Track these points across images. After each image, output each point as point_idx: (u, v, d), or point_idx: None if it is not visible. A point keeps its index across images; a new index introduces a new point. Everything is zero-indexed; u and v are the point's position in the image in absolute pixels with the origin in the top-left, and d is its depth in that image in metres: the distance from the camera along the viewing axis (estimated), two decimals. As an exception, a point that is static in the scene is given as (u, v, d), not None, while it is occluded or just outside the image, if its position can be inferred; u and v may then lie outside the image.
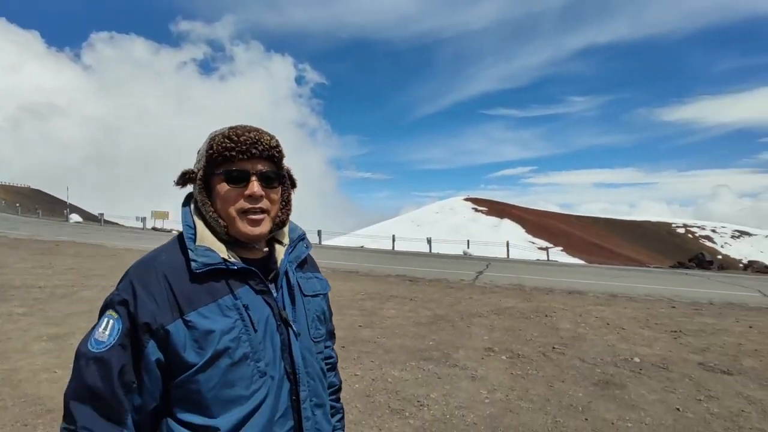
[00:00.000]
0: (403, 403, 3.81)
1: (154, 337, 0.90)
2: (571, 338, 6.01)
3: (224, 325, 0.93)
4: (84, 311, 6.27)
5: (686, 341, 6.04)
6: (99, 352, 0.89)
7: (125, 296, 0.91)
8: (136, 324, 0.89)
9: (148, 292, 0.91)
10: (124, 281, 0.95)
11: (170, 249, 1.01)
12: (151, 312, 0.90)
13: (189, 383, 0.91)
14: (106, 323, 0.91)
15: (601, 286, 11.29)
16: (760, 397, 4.20)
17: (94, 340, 0.90)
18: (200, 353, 0.90)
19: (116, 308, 0.91)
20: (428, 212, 73.82)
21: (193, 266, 0.95)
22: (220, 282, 0.97)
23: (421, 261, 16.66)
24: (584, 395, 4.12)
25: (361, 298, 8.19)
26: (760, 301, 9.81)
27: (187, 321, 0.91)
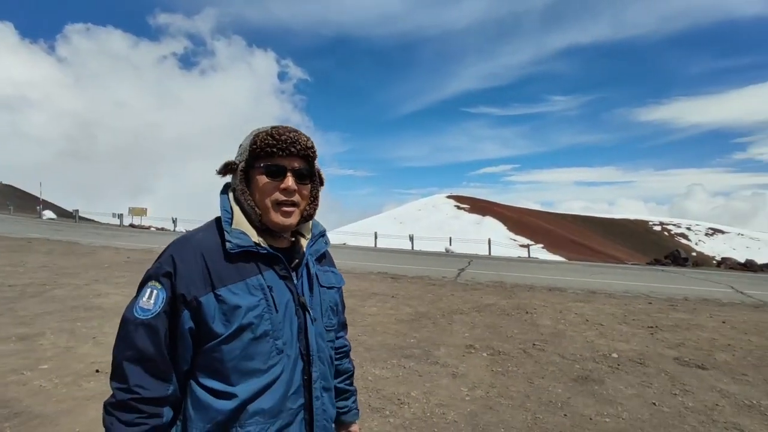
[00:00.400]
0: (384, 401, 3.77)
1: (188, 306, 1.01)
2: (551, 335, 6.06)
3: (250, 302, 1.03)
4: (55, 310, 6.07)
5: (662, 336, 6.15)
6: (147, 318, 1.00)
7: (167, 268, 1.03)
8: (176, 294, 1.01)
9: (186, 266, 1.02)
10: (165, 255, 1.06)
11: (207, 229, 1.13)
12: (187, 285, 1.01)
13: (213, 352, 1.01)
14: (150, 293, 1.02)
15: (580, 282, 11.44)
16: (733, 391, 4.29)
17: (140, 308, 1.01)
18: (226, 325, 1.01)
19: (160, 279, 1.03)
20: (411, 209, 73.98)
21: (228, 246, 1.06)
22: (250, 264, 1.08)
23: (404, 258, 16.66)
24: (563, 391, 4.15)
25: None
26: (733, 296, 10.06)
27: (218, 295, 1.01)
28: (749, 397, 4.14)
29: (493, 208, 76.86)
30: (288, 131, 1.13)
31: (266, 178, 1.11)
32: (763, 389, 4.36)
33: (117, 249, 13.78)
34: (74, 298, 6.80)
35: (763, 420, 3.70)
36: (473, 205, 76.28)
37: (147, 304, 1.00)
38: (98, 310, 6.17)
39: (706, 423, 3.61)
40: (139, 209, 29.62)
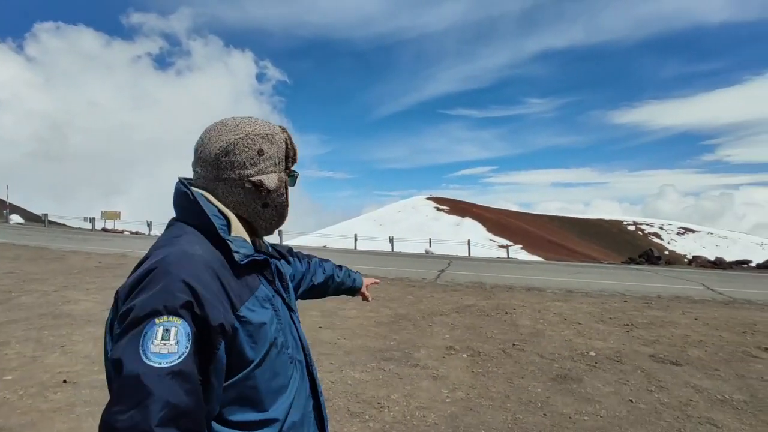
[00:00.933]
0: (363, 405, 3.72)
1: (225, 337, 0.86)
2: (530, 334, 6.10)
3: (268, 316, 0.96)
4: (21, 318, 5.82)
5: (638, 334, 6.26)
6: (174, 364, 0.77)
7: (184, 296, 0.81)
8: (208, 326, 0.82)
9: (208, 290, 0.85)
10: (170, 280, 0.82)
11: (198, 241, 0.94)
12: (221, 312, 0.85)
13: (247, 380, 0.90)
14: (164, 332, 0.78)
15: (558, 282, 11.60)
16: (706, 386, 4.38)
17: (156, 354, 0.76)
18: (255, 348, 0.91)
19: (179, 312, 0.80)
20: (391, 211, 74.08)
21: (237, 257, 0.94)
22: (252, 275, 0.98)
23: (384, 260, 16.63)
24: (543, 390, 4.17)
25: (322, 299, 8.03)
26: (703, 294, 10.34)
27: (241, 317, 0.89)
28: (722, 392, 4.24)
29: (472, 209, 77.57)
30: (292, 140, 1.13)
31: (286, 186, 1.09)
32: (734, 384, 4.47)
33: (88, 254, 13.36)
34: (42, 306, 6.54)
35: (735, 414, 3.79)
36: (453, 207, 76.85)
37: (167, 347, 0.77)
38: (67, 318, 5.94)
39: (681, 418, 3.66)
40: (112, 213, 28.82)
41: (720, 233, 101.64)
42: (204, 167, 1.02)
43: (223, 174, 1.01)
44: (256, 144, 1.03)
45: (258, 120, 1.07)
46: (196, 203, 0.97)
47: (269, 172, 1.05)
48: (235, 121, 1.04)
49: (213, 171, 1.01)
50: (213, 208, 0.99)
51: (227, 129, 1.03)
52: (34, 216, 32.17)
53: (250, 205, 1.04)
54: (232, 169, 1.01)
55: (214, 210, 0.99)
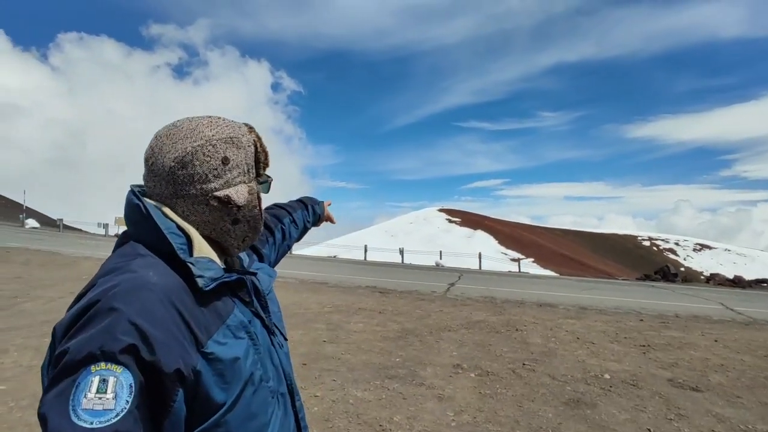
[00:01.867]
0: (364, 427, 3.55)
1: (183, 385, 0.69)
2: (542, 353, 5.88)
3: (242, 349, 0.80)
4: (23, 325, 5.77)
5: (655, 356, 6.00)
6: (108, 424, 0.61)
7: (129, 339, 0.65)
8: (160, 374, 0.66)
9: (162, 328, 0.68)
10: (113, 319, 0.66)
11: (152, 265, 0.77)
12: (178, 353, 0.69)
13: (216, 427, 0.74)
14: (101, 382, 0.63)
15: (571, 298, 11.31)
16: (728, 415, 4.12)
17: (86, 412, 0.61)
18: (226, 388, 0.75)
19: (119, 358, 0.64)
20: (402, 222, 73.89)
21: (200, 283, 0.77)
22: (222, 299, 0.82)
23: (393, 272, 16.45)
24: (554, 416, 3.96)
25: (329, 311, 7.90)
26: (723, 313, 9.98)
27: (207, 353, 0.73)
28: (745, 422, 3.98)
29: (484, 221, 77.05)
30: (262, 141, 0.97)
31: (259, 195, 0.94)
32: (757, 413, 4.21)
33: (99, 260, 13.40)
34: (45, 312, 6.50)
35: (761, 448, 3.54)
36: (464, 219, 76.41)
37: (102, 403, 0.62)
38: (69, 326, 5.87)
39: (703, 451, 3.43)
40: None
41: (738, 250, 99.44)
42: (158, 182, 0.85)
43: (181, 190, 0.84)
44: (219, 151, 0.86)
45: (219, 119, 0.90)
46: (150, 218, 0.80)
47: (237, 183, 0.88)
48: (191, 124, 0.87)
49: (169, 187, 0.84)
50: (170, 224, 0.82)
51: (182, 135, 0.85)
52: (50, 220, 32.68)
53: (218, 223, 0.88)
54: (192, 184, 0.84)
55: (172, 226, 0.82)
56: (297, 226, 1.52)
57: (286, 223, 1.46)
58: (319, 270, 15.26)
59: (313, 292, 9.91)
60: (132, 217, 0.84)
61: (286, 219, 1.47)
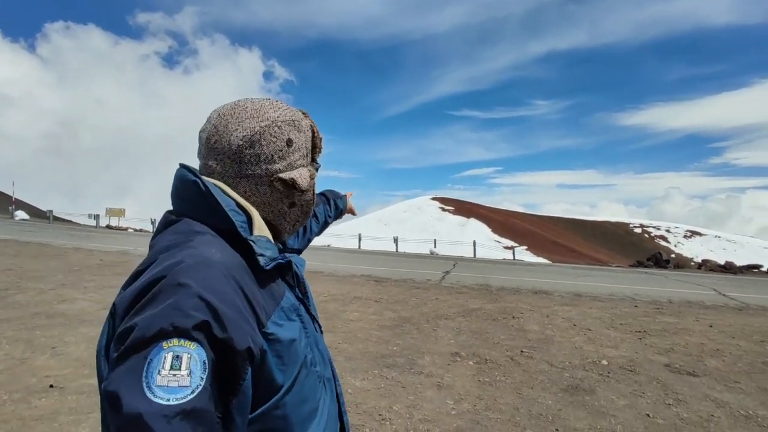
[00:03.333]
0: (364, 417, 3.51)
1: (252, 364, 0.67)
2: (539, 341, 5.87)
3: (297, 330, 0.79)
4: (14, 317, 5.66)
5: (651, 342, 6.02)
6: (185, 401, 0.58)
7: (202, 316, 0.62)
8: (232, 352, 0.63)
9: (231, 305, 0.65)
10: (183, 294, 0.63)
11: (213, 242, 0.74)
12: (248, 332, 0.66)
13: (275, 409, 0.72)
14: (175, 358, 0.59)
15: (565, 285, 11.34)
16: (727, 400, 4.14)
17: (163, 389, 0.57)
18: (285, 370, 0.73)
19: (192, 335, 0.60)
20: (396, 211, 73.88)
21: (262, 261, 0.76)
22: (276, 281, 0.80)
23: (388, 260, 16.42)
24: (554, 402, 3.94)
25: (324, 300, 7.85)
26: (716, 299, 10.06)
27: (268, 334, 0.71)
28: (745, 407, 4.00)
29: (477, 210, 77.22)
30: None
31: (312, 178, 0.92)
32: (757, 398, 4.23)
33: (90, 251, 13.24)
34: (36, 304, 6.38)
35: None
36: (458, 207, 76.52)
37: (177, 379, 0.59)
38: (61, 317, 5.77)
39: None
40: (117, 210, 28.78)
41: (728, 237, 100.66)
42: (221, 161, 0.83)
43: (246, 169, 0.83)
44: (284, 133, 0.86)
45: (279, 103, 0.90)
46: (209, 195, 0.78)
47: (298, 166, 0.89)
48: (254, 105, 0.86)
49: (234, 166, 0.83)
50: (230, 202, 0.80)
51: (248, 114, 0.84)
52: (40, 212, 32.25)
53: (276, 205, 0.88)
54: (258, 164, 0.84)
55: (232, 204, 0.80)
56: (318, 220, 1.52)
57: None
58: (313, 259, 15.19)
59: (307, 281, 9.84)
60: (185, 195, 0.81)
61: None
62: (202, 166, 0.87)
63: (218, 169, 0.84)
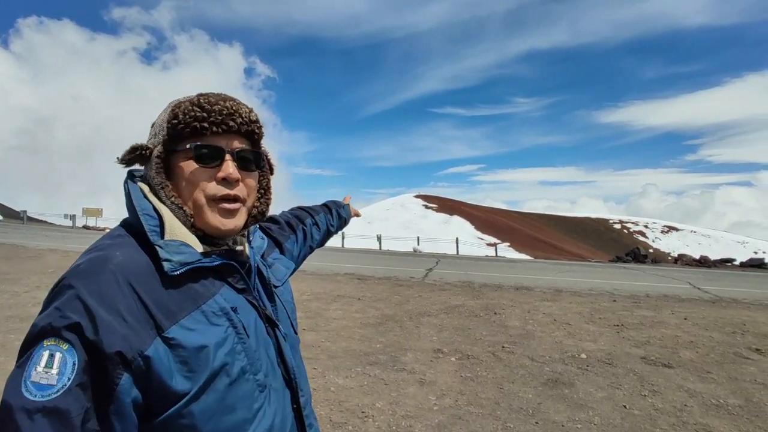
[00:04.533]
0: (347, 415, 3.52)
1: (128, 369, 0.66)
2: (520, 336, 5.96)
3: (216, 336, 0.75)
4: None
5: (628, 335, 6.15)
6: (48, 399, 0.61)
7: (75, 317, 0.65)
8: (102, 355, 0.64)
9: (110, 309, 0.67)
10: (66, 296, 0.67)
11: (123, 245, 0.76)
12: (123, 335, 0.66)
13: (179, 418, 0.70)
14: (48, 358, 0.63)
15: (547, 281, 11.51)
16: (699, 390, 4.26)
17: (33, 384, 0.62)
18: (191, 377, 0.71)
19: (64, 335, 0.64)
20: (379, 209, 73.90)
21: (166, 267, 0.74)
22: (200, 283, 0.78)
23: (371, 258, 16.44)
24: (534, 396, 4.01)
25: (307, 299, 7.82)
26: (691, 292, 10.33)
27: (169, 339, 0.70)
28: (716, 396, 4.12)
29: (460, 207, 77.76)
30: (222, 99, 0.84)
31: (195, 164, 0.81)
32: (728, 387, 4.36)
33: (66, 252, 12.92)
34: (10, 307, 6.22)
35: (731, 420, 3.67)
36: (441, 205, 76.93)
37: (45, 377, 0.62)
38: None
39: (676, 425, 3.53)
40: (94, 210, 28.16)
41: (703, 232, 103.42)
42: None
43: None
44: (160, 116, 0.90)
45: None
46: (128, 198, 0.82)
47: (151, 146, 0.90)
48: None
49: None
50: (146, 205, 0.80)
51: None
52: (13, 212, 31.34)
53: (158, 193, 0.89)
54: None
55: (148, 207, 0.80)
56: (319, 229, 1.52)
57: (308, 224, 1.47)
58: (296, 258, 15.09)
59: (290, 280, 9.79)
60: (125, 200, 0.85)
61: (308, 220, 1.48)
62: None
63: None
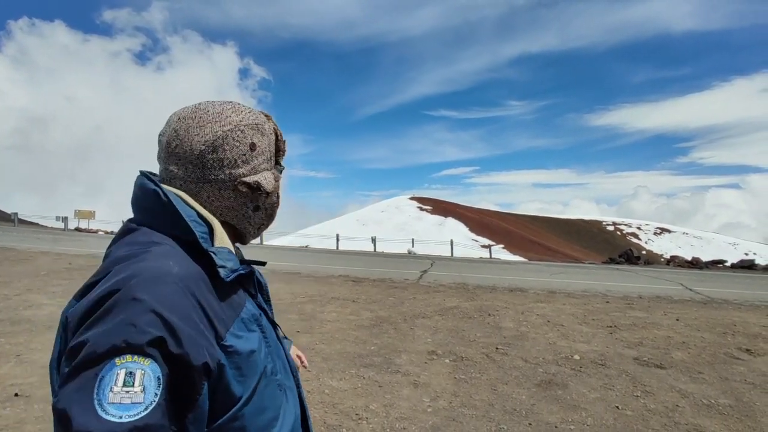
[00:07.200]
0: (341, 417, 3.52)
1: (208, 379, 0.66)
2: (514, 337, 5.98)
3: (257, 341, 0.78)
4: (-25, 325, 5.44)
5: (621, 336, 6.20)
6: (138, 418, 0.57)
7: (156, 332, 0.61)
8: (188, 367, 0.63)
9: (187, 320, 0.65)
10: (137, 310, 0.62)
11: (174, 255, 0.73)
12: (204, 346, 0.66)
13: (233, 421, 0.71)
14: (128, 375, 0.59)
15: (540, 283, 11.56)
16: (691, 390, 4.30)
17: (113, 406, 0.57)
18: (243, 382, 0.73)
19: (147, 351, 0.60)
20: (374, 211, 73.89)
21: (222, 273, 0.75)
22: (236, 291, 0.80)
23: (366, 260, 16.42)
24: (527, 398, 4.03)
25: (302, 301, 7.81)
26: (683, 293, 10.42)
27: (227, 346, 0.71)
28: (707, 396, 4.16)
29: (455, 209, 77.93)
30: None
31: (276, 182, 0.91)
32: (719, 387, 4.41)
33: (58, 254, 12.81)
34: (0, 311, 6.15)
35: (722, 420, 3.70)
36: (435, 207, 77.05)
37: (130, 396, 0.58)
38: (27, 324, 5.58)
39: (668, 425, 3.56)
40: (86, 212, 27.92)
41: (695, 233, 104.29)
42: (182, 166, 0.82)
43: (209, 174, 0.82)
44: (247, 137, 0.85)
45: (241, 106, 0.88)
46: (170, 205, 0.77)
47: (262, 170, 0.88)
48: (215, 108, 0.85)
49: (197, 171, 0.82)
50: (192, 212, 0.79)
51: (209, 118, 0.83)
52: (4, 215, 31.03)
53: (241, 209, 0.87)
54: (221, 169, 0.83)
55: (193, 214, 0.79)
56: None
57: None
58: (291, 260, 15.08)
59: (285, 283, 9.77)
60: (145, 204, 0.80)
61: None
62: (163, 170, 0.85)
63: (180, 174, 0.83)
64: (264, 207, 0.91)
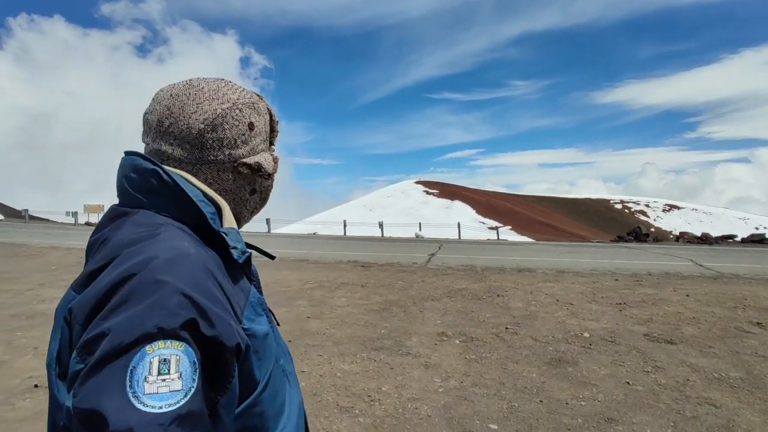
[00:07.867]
0: (353, 399, 3.56)
1: (239, 360, 0.62)
2: (523, 317, 6.00)
3: (267, 325, 0.75)
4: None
5: (630, 313, 6.19)
6: (179, 406, 0.53)
7: (187, 314, 0.56)
8: (222, 348, 0.59)
9: (214, 300, 0.61)
10: (164, 293, 0.57)
11: (181, 236, 0.68)
12: (234, 327, 0.62)
13: (254, 407, 0.68)
14: (160, 363, 0.54)
15: (549, 262, 11.55)
16: (702, 365, 4.30)
17: (150, 397, 0.52)
18: (260, 365, 0.70)
19: (180, 334, 0.55)
20: (380, 196, 73.88)
21: (235, 255, 0.71)
22: (242, 276, 0.76)
23: (373, 245, 16.47)
24: (538, 376, 4.05)
25: (311, 288, 7.86)
26: (693, 269, 10.37)
27: (246, 329, 0.67)
28: (718, 370, 4.16)
29: (461, 192, 77.67)
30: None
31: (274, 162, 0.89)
32: (729, 361, 4.40)
33: (68, 249, 12.97)
34: (14, 305, 6.26)
35: (732, 392, 3.71)
36: (442, 190, 76.83)
37: (167, 384, 0.53)
38: (41, 317, 5.68)
39: (679, 400, 3.57)
40: (95, 206, 28.15)
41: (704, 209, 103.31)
42: (178, 146, 0.77)
43: (208, 155, 0.78)
44: (245, 116, 0.81)
45: (235, 84, 0.85)
46: (175, 185, 0.71)
47: (260, 150, 0.85)
48: (210, 85, 0.80)
49: (195, 151, 0.77)
50: (198, 192, 0.74)
51: (206, 96, 0.78)
52: (15, 212, 31.38)
53: (239, 192, 0.84)
54: (221, 149, 0.79)
55: (200, 194, 0.74)
56: None
57: None
58: (298, 247, 15.16)
59: (294, 270, 9.84)
60: (143, 185, 0.73)
61: None
62: (153, 151, 0.79)
63: (175, 155, 0.77)
64: (260, 190, 0.88)
